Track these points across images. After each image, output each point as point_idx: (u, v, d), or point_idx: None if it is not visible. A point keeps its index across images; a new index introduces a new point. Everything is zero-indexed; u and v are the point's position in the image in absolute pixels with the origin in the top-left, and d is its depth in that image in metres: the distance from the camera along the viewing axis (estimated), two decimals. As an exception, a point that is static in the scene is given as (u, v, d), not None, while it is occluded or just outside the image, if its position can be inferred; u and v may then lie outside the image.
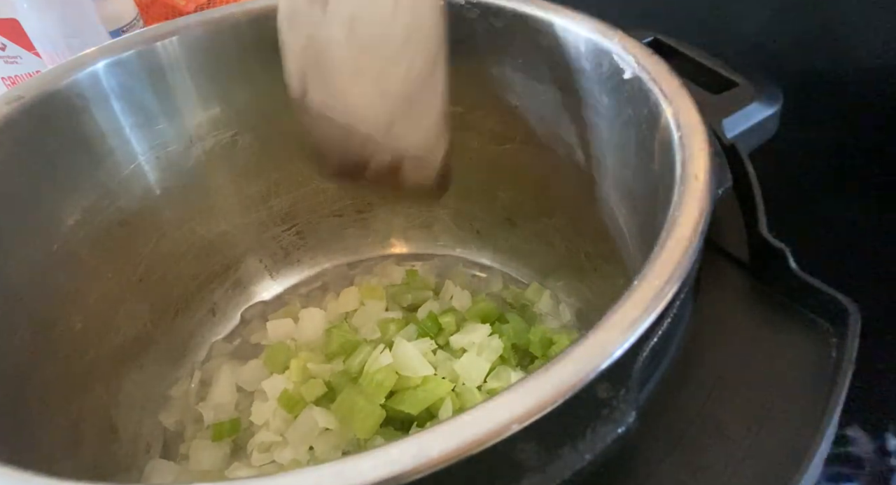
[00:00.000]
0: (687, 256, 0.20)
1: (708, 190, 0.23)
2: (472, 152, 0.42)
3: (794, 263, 0.25)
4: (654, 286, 0.19)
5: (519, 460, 0.17)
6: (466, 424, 0.17)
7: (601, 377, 0.18)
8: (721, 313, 0.26)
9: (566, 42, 0.33)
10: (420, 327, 0.41)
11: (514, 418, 0.17)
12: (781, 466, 0.21)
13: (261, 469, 0.37)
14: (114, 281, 0.37)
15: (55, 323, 0.33)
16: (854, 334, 0.23)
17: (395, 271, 0.48)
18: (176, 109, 0.37)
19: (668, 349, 0.23)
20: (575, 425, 0.18)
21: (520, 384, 0.17)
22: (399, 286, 0.46)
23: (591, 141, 0.35)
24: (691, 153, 0.24)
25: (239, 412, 0.40)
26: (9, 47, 0.48)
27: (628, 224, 0.34)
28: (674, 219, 0.22)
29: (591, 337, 0.18)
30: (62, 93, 0.33)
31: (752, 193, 0.28)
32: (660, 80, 0.28)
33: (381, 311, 0.44)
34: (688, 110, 0.26)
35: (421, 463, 0.16)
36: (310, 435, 0.36)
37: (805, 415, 0.22)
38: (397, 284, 0.47)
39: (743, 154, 0.29)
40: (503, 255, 0.47)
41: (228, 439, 0.38)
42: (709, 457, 0.21)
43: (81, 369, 0.34)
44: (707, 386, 0.23)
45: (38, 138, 0.32)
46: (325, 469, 0.16)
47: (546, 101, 0.37)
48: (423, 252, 0.49)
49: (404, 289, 0.45)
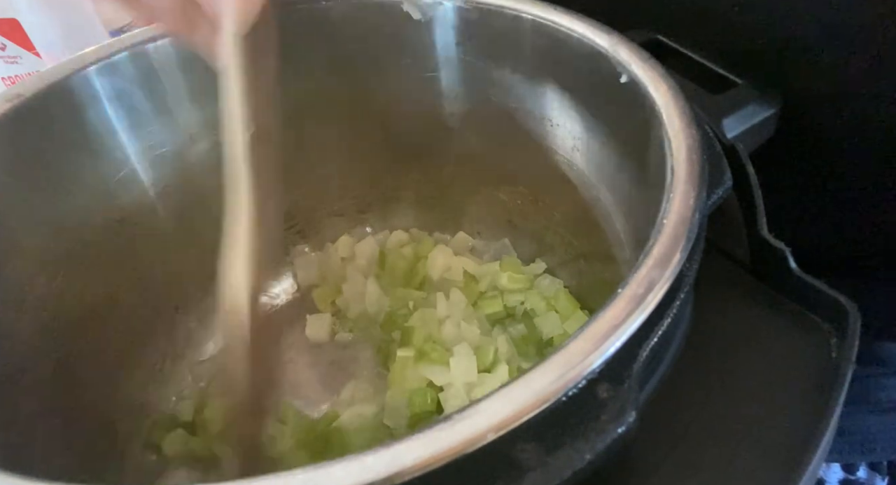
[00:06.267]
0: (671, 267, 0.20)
1: (698, 195, 0.23)
2: (473, 153, 0.42)
3: (794, 263, 0.25)
4: (622, 311, 0.19)
5: (518, 459, 0.17)
6: (443, 431, 0.17)
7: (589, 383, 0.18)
8: (721, 314, 0.26)
9: (565, 44, 0.33)
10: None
11: (491, 427, 0.17)
12: (782, 466, 0.21)
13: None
14: (113, 280, 0.37)
15: (54, 322, 0.33)
16: (854, 334, 0.23)
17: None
18: (170, 111, 0.37)
19: (668, 349, 0.23)
20: (575, 425, 0.18)
21: (498, 392, 0.17)
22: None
23: (589, 144, 0.36)
24: (683, 158, 0.24)
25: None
26: (9, 47, 0.48)
27: (625, 228, 0.34)
28: (662, 226, 0.22)
29: (570, 346, 0.18)
30: (58, 93, 0.33)
31: (752, 193, 0.28)
32: (655, 84, 0.28)
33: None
34: (681, 115, 0.26)
35: (394, 472, 0.16)
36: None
37: (805, 415, 0.22)
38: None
39: (743, 154, 0.29)
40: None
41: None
42: (709, 457, 0.21)
43: (79, 367, 0.34)
44: (707, 386, 0.23)
45: (36, 137, 0.32)
46: (297, 476, 0.16)
47: (545, 103, 0.37)
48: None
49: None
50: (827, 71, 0.34)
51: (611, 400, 0.18)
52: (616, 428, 0.18)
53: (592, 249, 0.39)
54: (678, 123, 0.26)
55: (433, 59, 0.39)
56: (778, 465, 0.21)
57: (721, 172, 0.26)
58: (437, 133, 0.43)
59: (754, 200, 0.28)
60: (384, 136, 0.44)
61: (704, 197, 0.23)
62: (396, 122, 0.43)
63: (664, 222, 0.22)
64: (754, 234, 0.27)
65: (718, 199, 0.25)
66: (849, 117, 0.34)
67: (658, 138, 0.26)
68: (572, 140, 0.36)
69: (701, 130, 0.26)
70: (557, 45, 0.33)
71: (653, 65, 0.29)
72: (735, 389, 0.23)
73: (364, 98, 0.42)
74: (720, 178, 0.26)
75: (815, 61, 0.34)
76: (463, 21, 0.36)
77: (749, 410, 0.23)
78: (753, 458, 0.21)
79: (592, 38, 0.31)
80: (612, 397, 0.18)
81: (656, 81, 0.28)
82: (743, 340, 0.25)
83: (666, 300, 0.20)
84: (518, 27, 0.35)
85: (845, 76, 0.33)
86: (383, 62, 0.40)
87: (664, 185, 0.23)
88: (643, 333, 0.19)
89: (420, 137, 0.43)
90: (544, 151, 0.38)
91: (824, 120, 0.35)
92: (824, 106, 0.35)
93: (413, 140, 0.44)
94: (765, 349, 0.25)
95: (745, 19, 0.37)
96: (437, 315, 0.42)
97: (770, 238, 0.26)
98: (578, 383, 0.18)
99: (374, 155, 0.45)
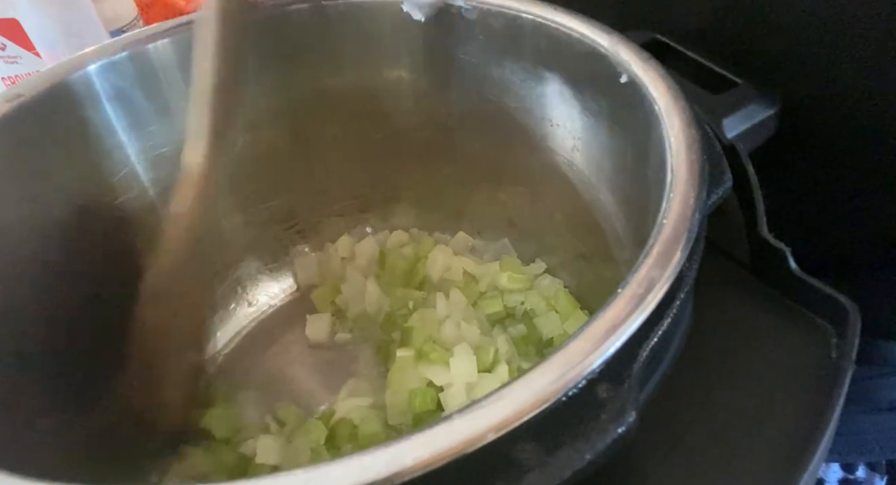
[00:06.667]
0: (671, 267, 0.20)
1: (698, 195, 0.23)
2: (473, 154, 0.42)
3: (793, 263, 0.25)
4: (622, 311, 0.19)
5: (518, 459, 0.17)
6: (443, 431, 0.17)
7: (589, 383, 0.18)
8: (721, 314, 0.26)
9: (564, 44, 0.33)
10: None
11: (491, 427, 0.17)
12: (782, 466, 0.21)
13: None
14: (113, 279, 0.37)
15: (53, 322, 0.33)
16: (854, 334, 0.23)
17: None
18: (170, 111, 0.37)
19: (668, 349, 0.23)
20: (575, 425, 0.18)
21: (498, 392, 0.17)
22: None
23: (589, 144, 0.36)
24: (683, 158, 0.24)
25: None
26: (9, 47, 0.48)
27: (625, 228, 0.34)
28: (662, 226, 0.22)
29: (570, 346, 0.18)
30: (58, 93, 0.33)
31: (752, 193, 0.28)
32: (655, 84, 0.28)
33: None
34: (681, 115, 0.26)
35: (394, 472, 0.16)
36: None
37: (805, 415, 0.22)
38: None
39: (743, 154, 0.29)
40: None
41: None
42: (709, 457, 0.21)
43: (79, 367, 0.34)
44: (707, 386, 0.23)
45: (36, 137, 0.32)
46: (297, 476, 0.16)
47: (545, 103, 0.37)
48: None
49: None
50: (827, 71, 0.34)
51: (611, 400, 0.18)
52: (616, 428, 0.18)
53: (592, 249, 0.39)
54: (678, 123, 0.26)
55: (433, 58, 0.40)
56: (778, 465, 0.21)
57: (721, 172, 0.26)
58: (437, 133, 0.43)
59: (754, 200, 0.28)
60: (384, 136, 0.44)
61: (704, 197, 0.23)
62: (396, 122, 0.43)
63: (664, 222, 0.22)
64: (754, 234, 0.27)
65: (718, 199, 0.25)
66: (848, 117, 0.34)
67: (658, 138, 0.26)
68: (572, 140, 0.36)
69: (701, 130, 0.26)
70: (557, 45, 0.33)
71: (653, 65, 0.29)
72: (735, 389, 0.23)
73: (364, 98, 0.42)
74: (720, 178, 0.26)
75: (815, 61, 0.34)
76: (463, 21, 0.36)
77: (749, 410, 0.23)
78: (753, 458, 0.21)
79: (592, 38, 0.31)
80: (612, 397, 0.18)
81: (656, 81, 0.28)
82: (743, 340, 0.25)
83: (666, 300, 0.20)
84: (518, 27, 0.35)
85: (845, 76, 0.33)
86: (383, 62, 0.40)
87: (664, 185, 0.23)
88: (643, 333, 0.19)
89: (420, 136, 0.43)
90: (544, 151, 0.38)
91: (824, 120, 0.35)
92: (824, 106, 0.35)
93: (413, 140, 0.44)
94: (765, 349, 0.25)
95: (745, 19, 0.37)
96: (437, 315, 0.42)
97: (770, 238, 0.26)
98: (578, 383, 0.18)
99: (374, 155, 0.45)
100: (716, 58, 0.37)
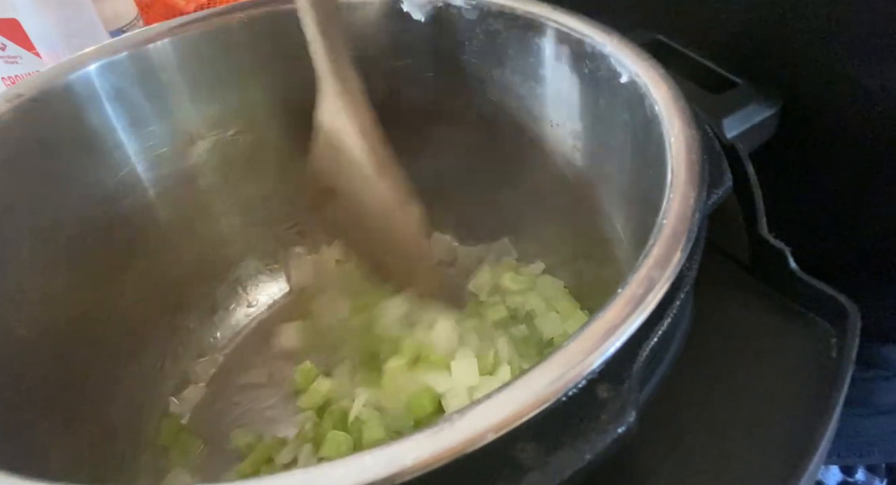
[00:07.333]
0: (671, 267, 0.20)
1: (698, 195, 0.23)
2: (473, 153, 0.42)
3: (793, 263, 0.25)
4: (622, 311, 0.19)
5: (518, 459, 0.17)
6: (443, 431, 0.17)
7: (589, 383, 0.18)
8: (721, 314, 0.26)
9: (565, 44, 0.33)
10: None
11: (491, 427, 0.17)
12: (781, 466, 0.21)
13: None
14: (112, 279, 0.37)
15: (54, 322, 0.33)
16: (854, 334, 0.23)
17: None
18: (170, 111, 0.37)
19: (668, 349, 0.23)
20: (575, 425, 0.18)
21: (498, 392, 0.17)
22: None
23: (589, 145, 0.36)
24: (683, 158, 0.24)
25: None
26: (9, 47, 0.48)
27: (624, 228, 0.34)
28: (662, 226, 0.22)
29: (570, 346, 0.18)
30: (58, 93, 0.33)
31: (752, 194, 0.28)
32: (655, 84, 0.28)
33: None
34: (681, 115, 0.26)
35: (394, 472, 0.16)
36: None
37: (805, 415, 0.22)
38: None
39: (743, 154, 0.29)
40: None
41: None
42: (709, 457, 0.21)
43: (79, 366, 0.34)
44: (707, 386, 0.23)
45: (36, 137, 0.32)
46: (297, 476, 0.16)
47: (545, 103, 0.37)
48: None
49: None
50: (826, 71, 0.34)
51: (611, 400, 0.18)
52: (616, 428, 0.18)
53: (592, 249, 0.39)
54: (678, 123, 0.26)
55: (433, 59, 0.40)
56: (778, 465, 0.21)
57: (721, 172, 0.26)
58: (437, 133, 0.43)
59: (754, 200, 0.28)
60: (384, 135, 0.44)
61: (704, 197, 0.23)
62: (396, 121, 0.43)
63: (664, 222, 0.22)
64: (754, 234, 0.27)
65: (718, 199, 0.25)
66: (849, 117, 0.34)
67: (658, 138, 0.26)
68: (572, 140, 0.36)
69: (701, 130, 0.26)
70: (558, 46, 0.33)
71: (653, 65, 0.29)
72: (735, 389, 0.23)
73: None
74: (720, 178, 0.26)
75: (815, 61, 0.34)
76: (463, 21, 0.36)
77: (749, 410, 0.23)
78: (753, 458, 0.21)
79: (593, 38, 0.31)
80: (612, 397, 0.18)
81: (656, 81, 0.28)
82: (743, 340, 0.25)
83: (666, 300, 0.20)
84: (518, 27, 0.35)
85: (845, 76, 0.33)
86: (383, 62, 0.40)
87: (664, 185, 0.23)
88: (643, 334, 0.19)
89: (419, 136, 0.43)
90: (544, 151, 0.38)
91: (824, 120, 0.35)
92: (824, 106, 0.35)
93: (413, 140, 0.44)
94: (765, 349, 0.25)
95: (745, 19, 0.37)
96: (430, 321, 0.41)
97: (770, 238, 0.26)
98: (578, 383, 0.18)
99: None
100: (716, 58, 0.37)
